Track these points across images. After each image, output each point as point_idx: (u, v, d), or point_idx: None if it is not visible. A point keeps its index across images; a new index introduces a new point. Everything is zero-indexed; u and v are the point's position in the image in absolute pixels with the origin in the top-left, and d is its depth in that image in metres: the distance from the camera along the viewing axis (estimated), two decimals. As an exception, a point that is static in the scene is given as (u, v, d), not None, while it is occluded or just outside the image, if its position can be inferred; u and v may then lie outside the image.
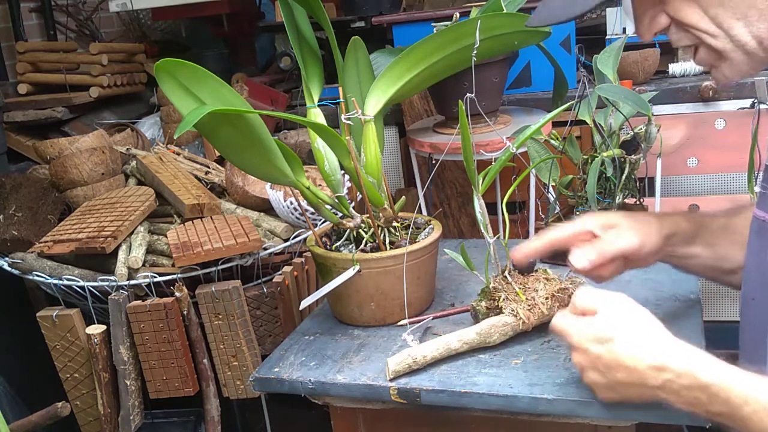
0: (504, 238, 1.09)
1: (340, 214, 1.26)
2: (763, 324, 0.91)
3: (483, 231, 1.09)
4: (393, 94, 1.21)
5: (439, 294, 1.29)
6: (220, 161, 2.14)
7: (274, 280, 1.65)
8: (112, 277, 1.58)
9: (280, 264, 1.75)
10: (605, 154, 1.31)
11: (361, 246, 1.22)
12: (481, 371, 1.02)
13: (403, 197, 1.31)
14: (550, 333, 1.09)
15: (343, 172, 1.25)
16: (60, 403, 1.53)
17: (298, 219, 1.74)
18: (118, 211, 1.72)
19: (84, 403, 1.67)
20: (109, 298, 1.57)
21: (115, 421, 1.62)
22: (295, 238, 1.73)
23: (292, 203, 1.71)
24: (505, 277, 1.09)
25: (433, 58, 1.22)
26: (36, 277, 1.66)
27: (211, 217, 1.74)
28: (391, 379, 1.02)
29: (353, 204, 1.59)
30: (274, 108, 2.49)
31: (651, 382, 0.81)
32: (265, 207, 1.83)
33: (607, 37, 2.28)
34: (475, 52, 1.12)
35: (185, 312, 1.58)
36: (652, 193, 1.98)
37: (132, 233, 1.70)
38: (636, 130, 1.34)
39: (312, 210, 1.46)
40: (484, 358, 1.06)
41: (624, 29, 2.25)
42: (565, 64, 2.08)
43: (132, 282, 1.59)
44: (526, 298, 1.07)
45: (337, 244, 1.24)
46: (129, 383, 1.59)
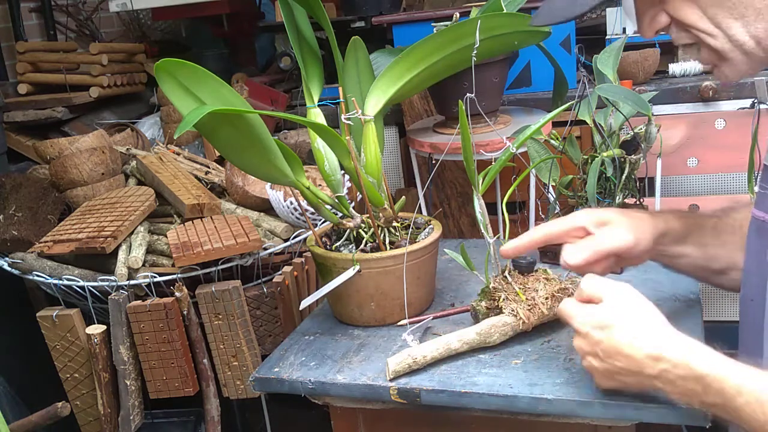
0: (504, 238, 1.09)
1: (340, 214, 1.26)
2: (761, 325, 0.91)
3: (483, 231, 1.09)
4: (393, 94, 1.21)
5: (439, 294, 1.29)
6: (220, 161, 2.14)
7: (274, 280, 1.65)
8: (112, 277, 1.58)
9: (280, 264, 1.75)
10: (605, 154, 1.31)
11: (361, 246, 1.21)
12: (481, 371, 1.02)
13: (403, 197, 1.31)
14: (550, 333, 1.10)
15: (343, 172, 1.25)
16: (60, 403, 1.53)
17: (298, 219, 1.74)
18: (118, 211, 1.72)
19: (84, 403, 1.67)
20: (109, 298, 1.57)
21: (115, 421, 1.62)
22: (295, 238, 1.73)
23: (292, 203, 1.71)
24: (505, 277, 1.09)
25: (433, 58, 1.22)
26: (36, 277, 1.66)
27: (211, 217, 1.74)
28: (391, 379, 1.03)
29: (353, 204, 1.59)
30: (274, 108, 2.49)
31: (648, 371, 0.82)
32: (265, 207, 1.83)
33: (607, 37, 2.28)
34: (475, 52, 1.12)
35: (185, 312, 1.58)
36: (652, 193, 1.98)
37: (132, 233, 1.70)
38: (636, 130, 1.34)
39: (312, 210, 1.46)
40: (484, 358, 1.06)
41: (624, 29, 2.25)
42: (565, 64, 2.08)
43: (132, 282, 1.59)
44: (526, 298, 1.07)
45: (337, 244, 1.24)
46: (129, 383, 1.59)
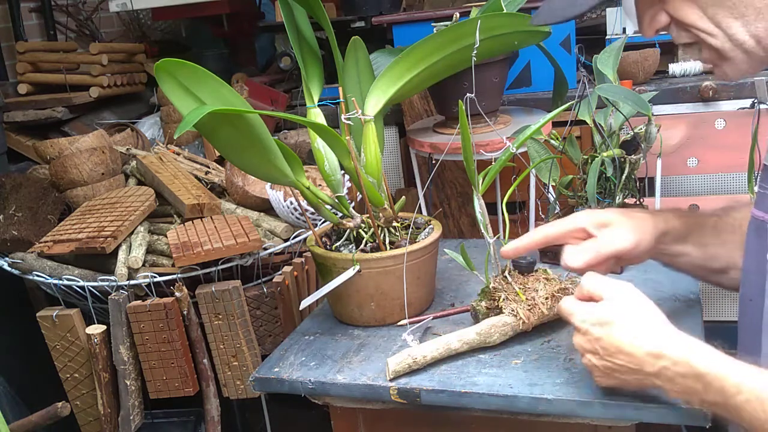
0: (504, 238, 1.09)
1: (340, 214, 1.26)
2: (759, 324, 0.91)
3: (483, 231, 1.09)
4: (393, 94, 1.21)
5: (439, 294, 1.29)
6: (220, 161, 2.14)
7: (274, 280, 1.64)
8: (112, 277, 1.58)
9: (280, 264, 1.75)
10: (605, 154, 1.31)
11: (361, 246, 1.21)
12: (481, 371, 1.02)
13: (403, 197, 1.30)
14: (550, 333, 1.10)
15: (343, 172, 1.25)
16: (60, 403, 1.53)
17: (298, 219, 1.74)
18: (118, 211, 1.72)
19: (84, 403, 1.67)
20: (109, 298, 1.57)
21: (115, 421, 1.62)
22: (295, 238, 1.73)
23: (292, 203, 1.71)
24: (505, 277, 1.09)
25: (433, 58, 1.22)
26: (36, 277, 1.66)
27: (211, 217, 1.74)
28: (391, 379, 1.02)
29: (353, 204, 1.59)
30: (274, 108, 2.49)
31: (647, 369, 0.82)
32: (265, 207, 1.83)
33: (607, 37, 2.28)
34: (475, 52, 1.12)
35: (185, 312, 1.58)
36: (652, 193, 1.98)
37: (132, 233, 1.70)
38: (636, 130, 1.34)
39: (312, 210, 1.46)
40: (484, 358, 1.06)
41: (624, 29, 2.25)
42: (565, 64, 2.08)
43: (132, 282, 1.59)
44: (526, 298, 1.07)
45: (337, 244, 1.24)
46: (129, 383, 1.59)
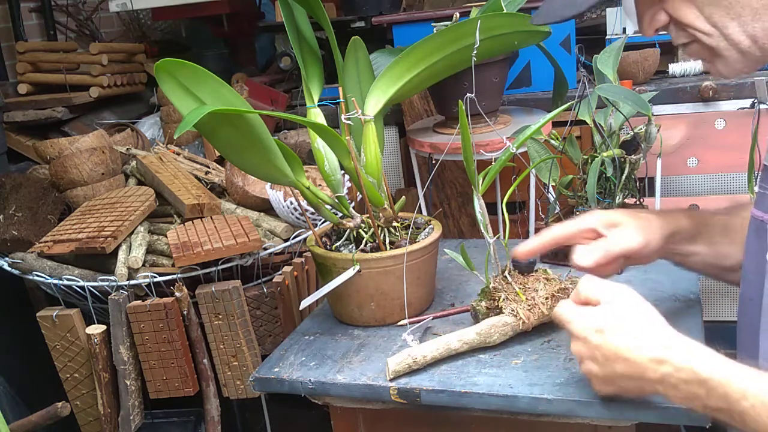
0: (504, 238, 1.09)
1: (340, 214, 1.26)
2: (758, 324, 0.91)
3: (483, 231, 1.09)
4: (393, 94, 1.21)
5: (439, 294, 1.29)
6: (220, 161, 2.14)
7: (274, 280, 1.64)
8: (112, 277, 1.58)
9: (280, 264, 1.75)
10: (605, 154, 1.31)
11: (361, 246, 1.21)
12: (481, 371, 1.02)
13: (403, 197, 1.30)
14: (550, 333, 1.10)
15: (343, 172, 1.25)
16: (60, 403, 1.53)
17: (298, 219, 1.74)
18: (118, 211, 1.72)
19: (84, 403, 1.67)
20: (109, 298, 1.57)
21: (115, 421, 1.62)
22: (295, 238, 1.73)
23: (292, 203, 1.71)
24: (505, 277, 1.09)
25: (433, 58, 1.22)
26: (36, 277, 1.66)
27: (211, 217, 1.74)
28: (391, 379, 1.02)
29: (353, 204, 1.59)
30: (274, 108, 2.49)
31: (649, 375, 0.81)
32: (265, 207, 1.83)
33: (607, 37, 2.28)
34: (475, 52, 1.12)
35: (185, 312, 1.58)
36: (652, 193, 1.98)
37: (132, 233, 1.70)
38: (636, 130, 1.34)
39: (312, 210, 1.46)
40: (484, 358, 1.06)
41: (624, 29, 2.25)
42: (565, 64, 2.08)
43: (132, 282, 1.59)
44: (526, 298, 1.07)
45: (337, 244, 1.24)
46: (129, 383, 1.59)
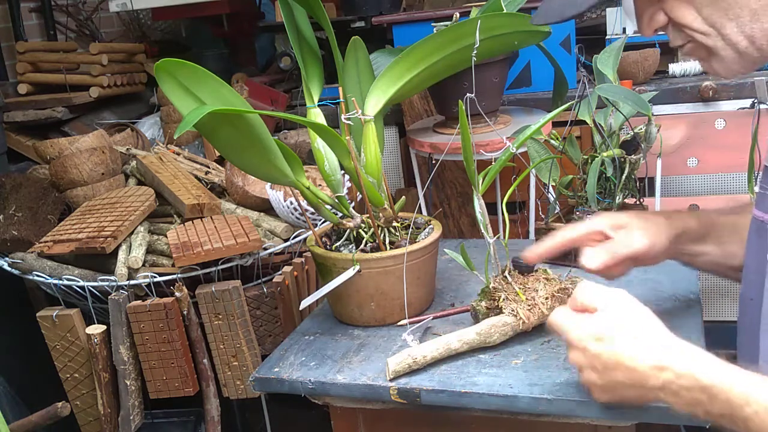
0: (504, 238, 1.09)
1: (340, 214, 1.26)
2: (758, 324, 0.91)
3: (483, 231, 1.09)
4: (393, 94, 1.21)
5: (439, 294, 1.29)
6: (220, 161, 2.14)
7: (274, 280, 1.64)
8: (112, 277, 1.58)
9: (280, 264, 1.74)
10: (605, 154, 1.31)
11: (361, 246, 1.21)
12: (481, 371, 1.02)
13: (403, 197, 1.30)
14: (550, 333, 1.10)
15: (343, 172, 1.25)
16: (60, 403, 1.53)
17: (298, 219, 1.74)
18: (118, 211, 1.72)
19: (84, 403, 1.67)
20: (109, 298, 1.57)
21: (115, 421, 1.62)
22: (295, 238, 1.73)
23: (292, 203, 1.71)
24: (505, 277, 1.09)
25: (433, 58, 1.22)
26: (36, 277, 1.66)
27: (211, 217, 1.74)
28: (391, 379, 1.02)
29: (353, 204, 1.59)
30: (274, 108, 2.49)
31: (651, 383, 0.80)
32: (265, 207, 1.83)
33: (607, 37, 2.28)
34: (475, 52, 1.12)
35: (185, 312, 1.58)
36: (652, 193, 1.98)
37: (132, 233, 1.70)
38: (636, 130, 1.34)
39: (312, 210, 1.46)
40: (484, 358, 1.06)
41: (624, 29, 2.25)
42: (565, 64, 2.08)
43: (132, 282, 1.59)
44: (526, 298, 1.07)
45: (337, 244, 1.24)
46: (129, 383, 1.59)
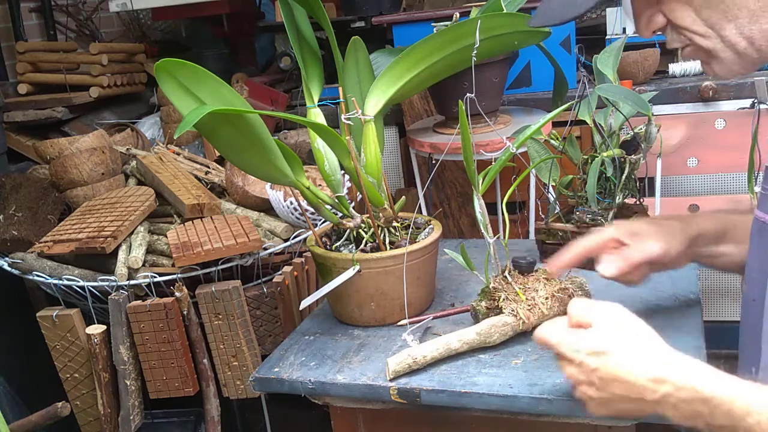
0: (504, 238, 1.09)
1: (340, 214, 1.26)
2: (760, 325, 0.91)
3: (483, 231, 1.09)
4: (393, 94, 1.21)
5: (439, 294, 1.29)
6: (220, 161, 2.14)
7: (274, 280, 1.64)
8: (112, 277, 1.58)
9: (280, 264, 1.74)
10: (605, 154, 1.31)
11: (361, 246, 1.21)
12: (481, 371, 1.02)
13: (403, 197, 1.30)
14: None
15: (343, 172, 1.25)
16: (60, 403, 1.53)
17: (298, 219, 1.74)
18: (118, 211, 1.72)
19: (84, 403, 1.67)
20: (109, 298, 1.57)
21: (115, 421, 1.62)
22: (295, 238, 1.73)
23: (292, 203, 1.71)
24: (505, 277, 1.09)
25: (433, 58, 1.22)
26: (36, 277, 1.66)
27: (211, 217, 1.74)
28: (391, 379, 1.02)
29: (353, 204, 1.59)
30: (274, 108, 2.49)
31: (649, 396, 0.78)
32: (265, 207, 1.83)
33: (607, 37, 2.28)
34: (475, 52, 1.12)
35: (185, 312, 1.58)
36: (652, 193, 1.98)
37: (132, 233, 1.70)
38: (636, 130, 1.34)
39: (312, 210, 1.46)
40: (484, 358, 1.06)
41: (624, 29, 2.25)
42: (565, 64, 2.08)
43: (132, 282, 1.59)
44: (526, 298, 1.07)
45: (337, 244, 1.24)
46: (129, 383, 1.59)
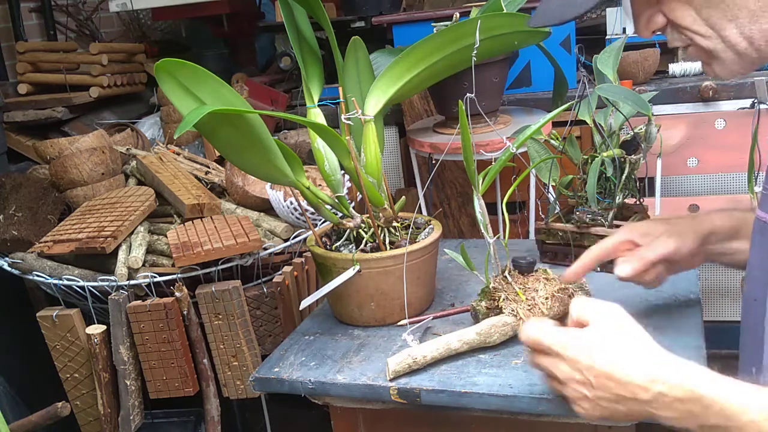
0: (504, 238, 1.09)
1: (340, 214, 1.26)
2: (761, 325, 0.91)
3: (483, 231, 1.09)
4: (393, 94, 1.21)
5: (439, 294, 1.29)
6: (220, 161, 2.14)
7: (274, 280, 1.64)
8: (112, 277, 1.58)
9: (280, 264, 1.74)
10: (605, 154, 1.30)
11: (361, 246, 1.21)
12: (481, 371, 1.02)
13: (403, 197, 1.30)
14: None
15: (343, 172, 1.25)
16: (60, 403, 1.53)
17: (298, 219, 1.74)
18: (118, 211, 1.72)
19: (84, 403, 1.67)
20: (109, 298, 1.57)
21: (115, 421, 1.62)
22: (295, 238, 1.73)
23: (292, 203, 1.71)
24: (505, 277, 1.09)
25: (433, 58, 1.22)
26: (36, 277, 1.66)
27: (211, 217, 1.74)
28: (391, 379, 1.02)
29: (353, 204, 1.59)
30: (274, 108, 2.49)
31: (642, 396, 0.77)
32: (265, 207, 1.83)
33: (607, 37, 2.28)
34: (475, 52, 1.12)
35: (185, 312, 1.58)
36: (652, 193, 1.98)
37: (132, 233, 1.70)
38: (636, 130, 1.34)
39: (312, 210, 1.46)
40: (484, 358, 1.06)
41: (624, 29, 2.25)
42: (565, 64, 2.08)
43: (132, 282, 1.59)
44: (526, 298, 1.07)
45: (337, 244, 1.24)
46: (129, 383, 1.59)
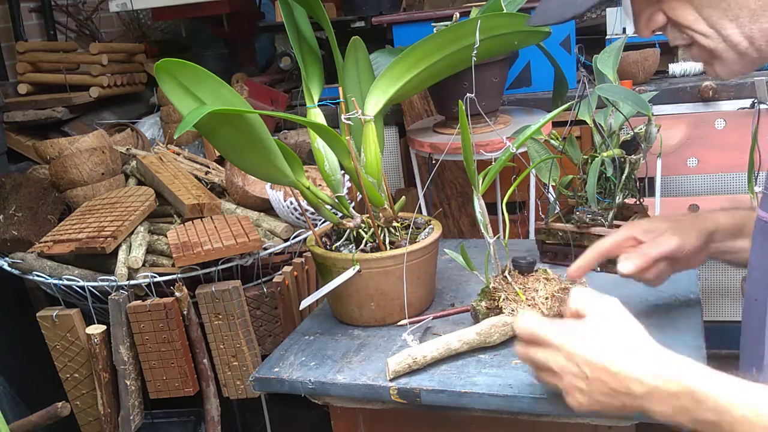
0: (504, 238, 1.09)
1: (340, 214, 1.26)
2: (762, 324, 0.91)
3: (483, 231, 1.09)
4: (393, 94, 1.21)
5: (439, 294, 1.29)
6: (220, 161, 2.14)
7: (274, 280, 1.64)
8: (112, 277, 1.58)
9: (280, 264, 1.75)
10: (605, 154, 1.30)
11: (361, 246, 1.21)
12: (481, 371, 1.02)
13: (403, 197, 1.30)
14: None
15: (343, 172, 1.25)
16: (60, 403, 1.53)
17: (298, 219, 1.74)
18: (118, 211, 1.72)
19: (84, 403, 1.67)
20: (109, 298, 1.57)
21: (115, 421, 1.62)
22: (295, 238, 1.73)
23: (292, 203, 1.71)
24: (505, 277, 1.09)
25: (433, 58, 1.22)
26: (36, 277, 1.66)
27: (211, 217, 1.74)
28: (391, 379, 1.02)
29: (353, 204, 1.59)
30: (274, 108, 2.49)
31: (636, 390, 0.77)
32: (265, 207, 1.83)
33: (607, 37, 2.28)
34: (475, 52, 1.12)
35: (185, 312, 1.58)
36: (652, 193, 1.98)
37: (132, 233, 1.70)
38: (636, 130, 1.34)
39: (312, 210, 1.46)
40: (484, 358, 1.06)
41: (624, 29, 2.25)
42: (565, 64, 2.08)
43: (132, 282, 1.59)
44: (526, 298, 1.07)
45: (337, 244, 1.24)
46: (129, 383, 1.59)
